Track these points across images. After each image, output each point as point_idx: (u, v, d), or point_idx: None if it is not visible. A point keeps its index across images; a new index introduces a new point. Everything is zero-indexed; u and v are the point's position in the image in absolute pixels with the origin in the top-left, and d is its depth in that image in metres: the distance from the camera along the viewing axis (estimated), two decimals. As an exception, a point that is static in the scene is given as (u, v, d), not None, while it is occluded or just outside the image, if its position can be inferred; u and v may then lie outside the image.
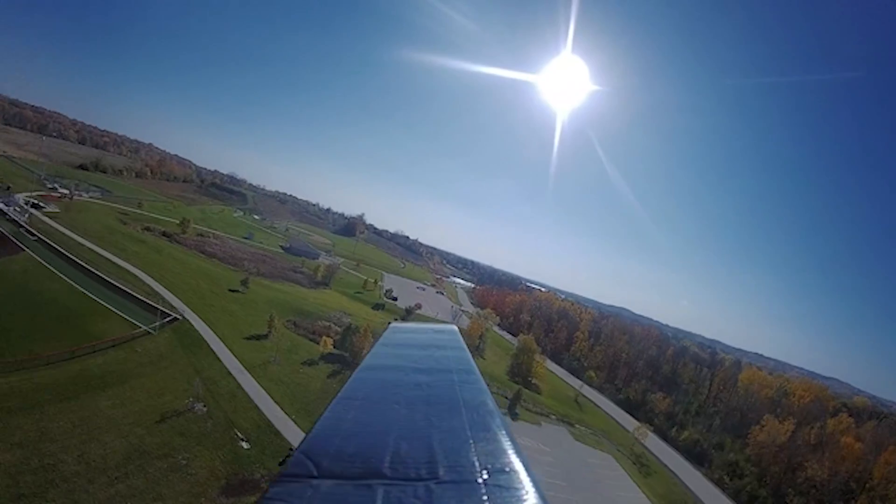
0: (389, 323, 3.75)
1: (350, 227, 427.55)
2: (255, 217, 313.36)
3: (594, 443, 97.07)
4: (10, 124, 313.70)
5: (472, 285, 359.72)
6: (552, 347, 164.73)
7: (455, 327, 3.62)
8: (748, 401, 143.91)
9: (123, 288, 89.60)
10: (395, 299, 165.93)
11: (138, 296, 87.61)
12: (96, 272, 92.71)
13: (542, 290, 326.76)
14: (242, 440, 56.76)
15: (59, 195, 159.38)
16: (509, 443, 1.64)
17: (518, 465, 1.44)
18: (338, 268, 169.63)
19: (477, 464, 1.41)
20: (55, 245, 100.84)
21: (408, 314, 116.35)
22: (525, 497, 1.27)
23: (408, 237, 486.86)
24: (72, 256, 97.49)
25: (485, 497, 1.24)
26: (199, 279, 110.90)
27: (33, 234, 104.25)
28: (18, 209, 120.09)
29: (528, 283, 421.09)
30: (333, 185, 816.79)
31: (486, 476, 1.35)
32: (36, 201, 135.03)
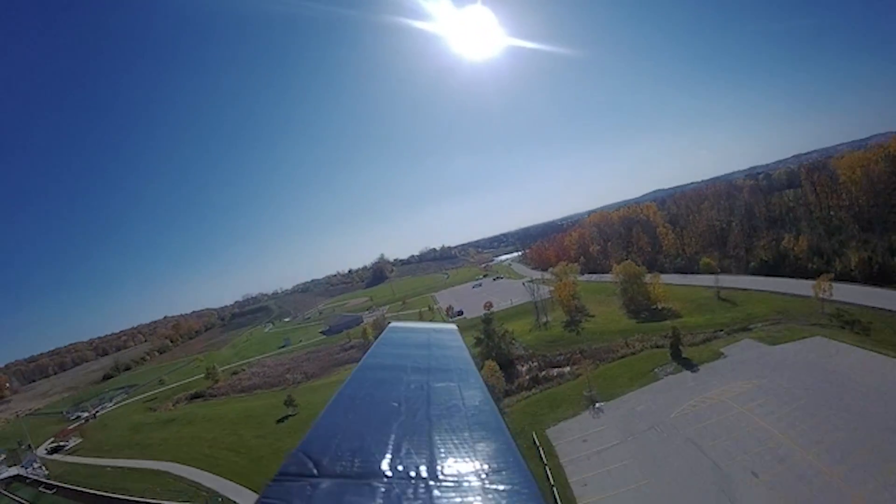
0: (389, 323, 3.55)
1: (377, 273, 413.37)
2: (286, 320, 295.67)
3: (787, 335, 72.10)
4: (33, 380, 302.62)
5: (519, 252, 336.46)
6: (644, 259, 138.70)
7: (455, 326, 3.40)
8: (874, 187, 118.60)
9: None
10: (461, 313, 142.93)
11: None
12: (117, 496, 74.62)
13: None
14: None
15: (78, 423, 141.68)
16: (509, 442, 1.62)
17: (517, 464, 1.43)
18: (384, 318, 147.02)
19: (477, 463, 1.41)
20: (73, 487, 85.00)
21: (487, 322, 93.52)
22: (524, 496, 1.27)
23: (435, 249, 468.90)
24: (90, 491, 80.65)
25: (484, 497, 1.24)
26: (241, 428, 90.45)
27: (51, 488, 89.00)
28: (37, 465, 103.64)
29: (568, 220, 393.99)
30: (346, 249, 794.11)
31: (485, 476, 1.35)
32: (55, 444, 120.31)
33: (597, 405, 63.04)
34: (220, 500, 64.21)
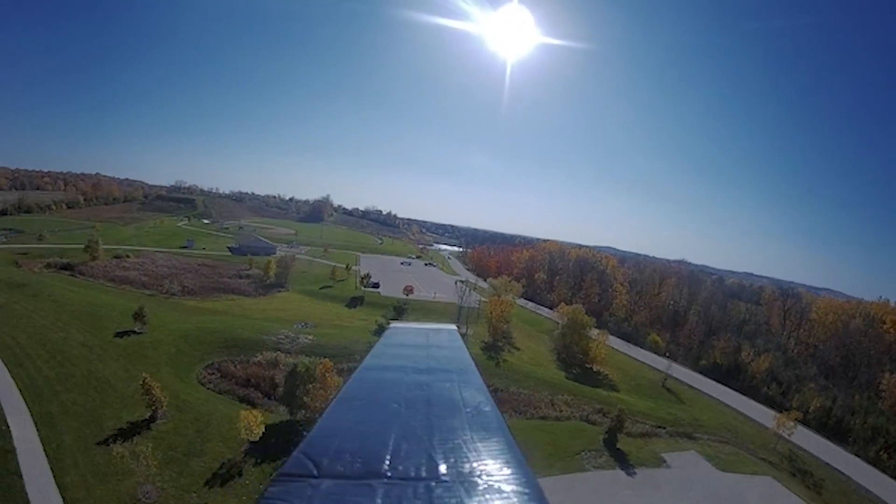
0: (390, 323, 3.69)
1: (315, 211, 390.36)
2: (205, 221, 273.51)
3: (737, 463, 60.51)
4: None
5: (460, 249, 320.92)
6: (589, 310, 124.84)
7: (454, 327, 3.55)
8: (844, 339, 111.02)
9: None
10: (377, 286, 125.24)
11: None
12: None
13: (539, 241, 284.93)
14: None
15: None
16: (509, 442, 1.63)
17: (518, 464, 1.45)
18: (293, 260, 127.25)
19: (477, 463, 1.41)
20: None
21: (399, 312, 77.01)
22: (525, 497, 1.25)
23: (381, 211, 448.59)
24: None
25: (484, 497, 1.23)
26: (75, 326, 70.12)
27: None
28: None
29: (519, 238, 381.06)
30: (296, 177, 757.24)
31: (485, 476, 1.34)
32: None
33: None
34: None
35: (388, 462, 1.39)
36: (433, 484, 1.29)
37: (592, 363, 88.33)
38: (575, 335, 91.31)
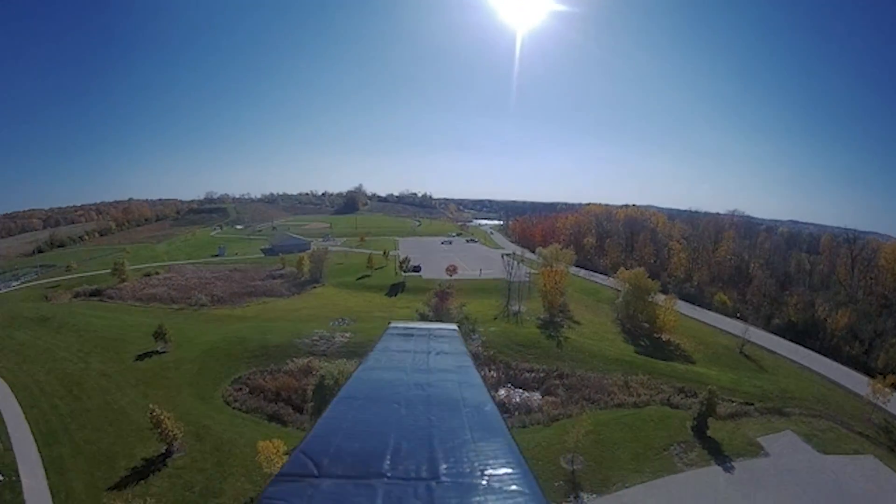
0: (391, 323, 3.68)
1: (350, 202, 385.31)
2: (238, 227, 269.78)
3: (835, 441, 51.28)
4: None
5: (501, 222, 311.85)
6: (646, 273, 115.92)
7: (455, 327, 3.58)
8: None
9: None
10: (418, 269, 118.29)
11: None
12: None
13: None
14: None
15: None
16: (509, 442, 1.63)
17: (518, 464, 1.44)
18: (326, 253, 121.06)
19: (477, 463, 1.42)
20: None
21: (442, 297, 70.06)
22: (525, 497, 1.25)
23: (416, 194, 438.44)
24: None
25: (485, 497, 1.23)
26: (95, 354, 65.80)
27: None
28: None
29: (561, 205, 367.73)
30: (328, 171, 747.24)
31: (486, 476, 1.34)
32: None
33: (581, 501, 38.90)
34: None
35: (388, 462, 1.40)
36: (433, 484, 1.28)
37: (661, 332, 79.53)
38: (639, 302, 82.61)
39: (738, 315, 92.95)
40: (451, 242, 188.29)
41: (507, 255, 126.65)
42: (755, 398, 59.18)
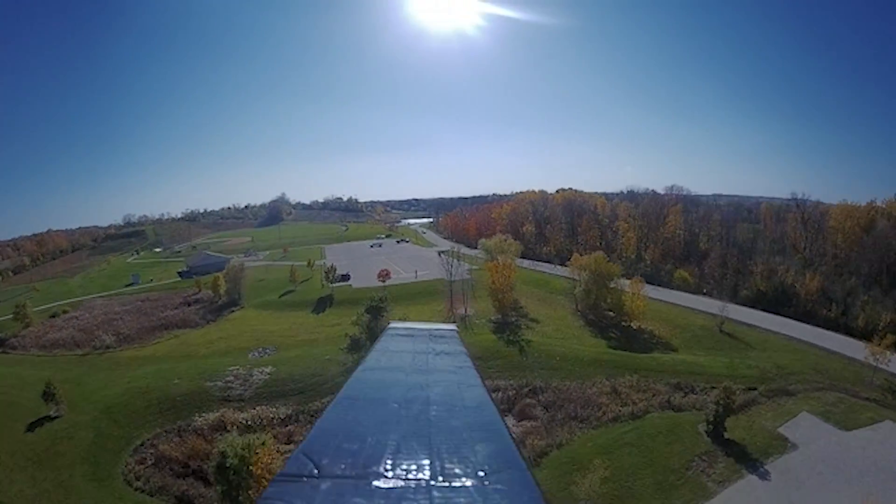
0: (390, 323, 3.59)
1: (273, 213, 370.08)
2: (157, 250, 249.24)
3: (851, 413, 47.05)
4: None
5: (431, 220, 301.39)
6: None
7: (454, 327, 3.47)
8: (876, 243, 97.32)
9: None
10: (347, 278, 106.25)
11: None
12: None
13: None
14: None
15: None
16: (509, 442, 1.61)
17: (518, 464, 1.44)
18: (242, 270, 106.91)
19: (477, 464, 1.41)
20: None
21: (375, 312, 58.44)
22: (525, 497, 1.25)
23: (341, 199, 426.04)
24: None
25: (485, 497, 1.23)
26: None
27: None
28: None
29: (493, 197, 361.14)
30: (251, 183, 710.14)
31: (486, 476, 1.34)
32: None
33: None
34: None
35: (388, 462, 1.40)
36: (433, 484, 1.29)
37: (631, 320, 71.11)
38: (602, 290, 73.84)
39: (704, 291, 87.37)
40: (380, 245, 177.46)
41: (444, 252, 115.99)
42: (756, 381, 52.84)
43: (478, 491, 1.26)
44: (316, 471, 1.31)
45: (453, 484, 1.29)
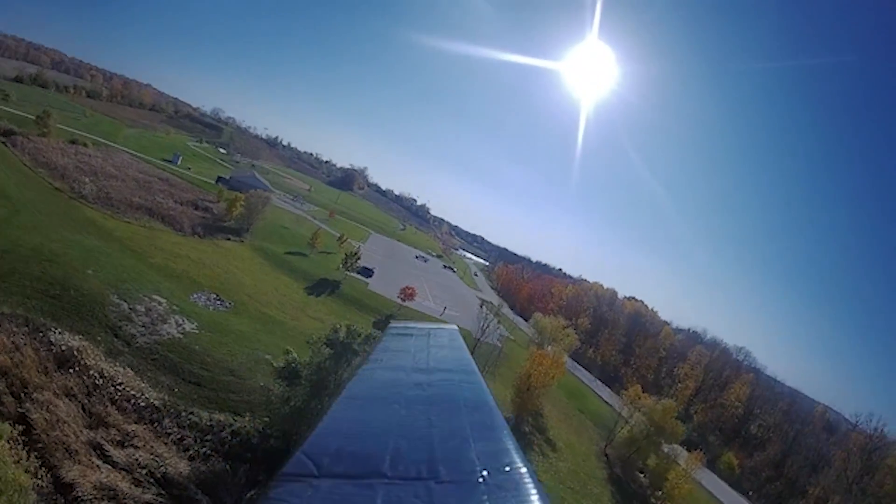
0: (391, 322, 3.54)
1: (347, 179, 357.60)
2: (221, 151, 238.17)
3: None
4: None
5: (486, 262, 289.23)
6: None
7: (455, 327, 3.45)
8: None
9: None
10: (369, 273, 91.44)
11: None
12: None
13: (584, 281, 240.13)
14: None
15: None
16: (509, 442, 1.64)
17: (518, 464, 1.46)
18: (266, 203, 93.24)
19: (477, 463, 1.43)
20: None
21: (344, 344, 39.69)
22: (525, 497, 1.27)
23: (415, 200, 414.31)
24: None
25: (485, 497, 1.25)
26: None
27: None
28: None
29: (552, 268, 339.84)
30: (339, 143, 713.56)
31: (486, 476, 1.36)
32: None
33: None
34: None
35: (388, 462, 1.40)
36: (433, 484, 1.29)
37: (664, 503, 52.58)
38: (650, 447, 55.77)
39: (749, 493, 74.42)
40: (426, 260, 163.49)
41: (485, 301, 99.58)
42: None
43: (478, 491, 1.26)
44: (316, 471, 1.31)
45: (453, 484, 1.29)
